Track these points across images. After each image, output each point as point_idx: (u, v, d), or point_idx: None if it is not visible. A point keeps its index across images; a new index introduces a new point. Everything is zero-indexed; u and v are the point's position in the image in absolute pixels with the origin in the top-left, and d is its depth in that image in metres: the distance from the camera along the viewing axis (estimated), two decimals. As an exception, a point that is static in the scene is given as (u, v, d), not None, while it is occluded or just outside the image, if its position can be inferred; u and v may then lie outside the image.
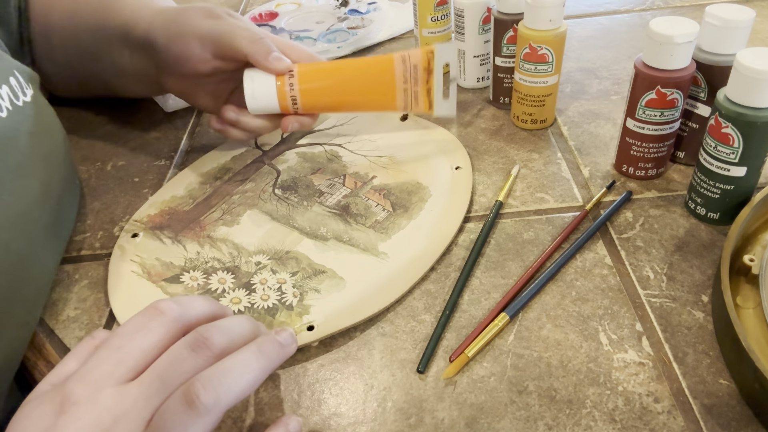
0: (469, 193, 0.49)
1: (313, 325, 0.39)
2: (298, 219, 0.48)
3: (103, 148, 0.61)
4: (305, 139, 0.57)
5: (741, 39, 0.43)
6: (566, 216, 0.47)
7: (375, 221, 0.47)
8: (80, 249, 0.49)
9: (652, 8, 0.78)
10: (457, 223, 0.46)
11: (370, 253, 0.44)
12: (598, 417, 0.34)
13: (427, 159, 0.53)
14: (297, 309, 0.41)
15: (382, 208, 0.48)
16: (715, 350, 0.37)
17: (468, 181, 0.50)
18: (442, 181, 0.50)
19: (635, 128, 0.47)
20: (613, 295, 0.41)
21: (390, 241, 0.45)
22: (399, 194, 0.49)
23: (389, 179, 0.51)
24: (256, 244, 0.46)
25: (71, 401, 0.28)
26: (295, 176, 0.52)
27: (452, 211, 0.47)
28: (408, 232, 0.46)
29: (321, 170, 0.53)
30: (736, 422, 0.33)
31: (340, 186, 0.51)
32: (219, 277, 0.44)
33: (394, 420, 0.35)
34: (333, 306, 0.41)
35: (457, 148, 0.54)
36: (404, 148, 0.55)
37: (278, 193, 0.51)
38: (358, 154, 0.54)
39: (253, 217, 0.49)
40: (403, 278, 0.42)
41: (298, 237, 0.46)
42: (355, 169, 0.53)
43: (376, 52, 0.74)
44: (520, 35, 0.52)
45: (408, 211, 0.48)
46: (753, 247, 0.42)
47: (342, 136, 0.57)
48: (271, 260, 0.45)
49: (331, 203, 0.49)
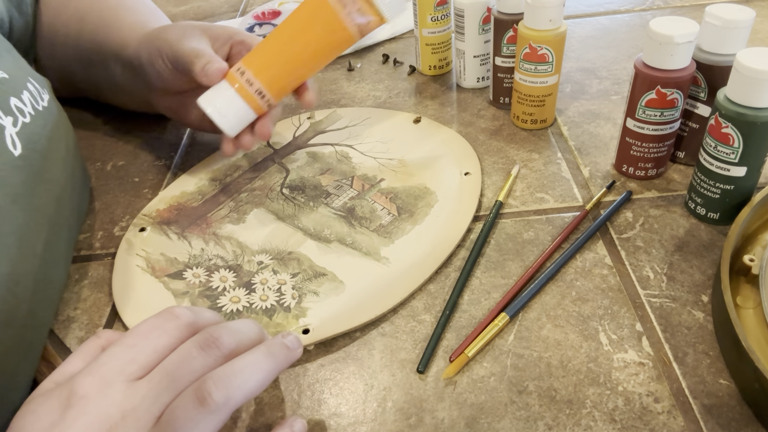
0: (476, 200, 0.48)
1: (309, 328, 0.39)
2: (303, 220, 0.48)
3: (103, 148, 0.61)
4: (316, 138, 0.57)
5: (741, 39, 0.43)
6: (566, 216, 0.47)
7: (379, 225, 0.47)
8: (80, 249, 0.49)
9: (652, 8, 0.78)
10: (462, 231, 0.46)
11: (371, 257, 0.44)
12: (598, 417, 0.34)
13: (436, 163, 0.53)
14: (294, 311, 0.41)
15: (388, 211, 0.48)
16: (715, 350, 0.37)
17: (476, 188, 0.49)
18: (450, 186, 0.50)
19: (635, 128, 0.47)
20: (613, 295, 0.41)
21: (393, 246, 0.45)
22: (406, 198, 0.49)
23: (397, 183, 0.51)
24: (260, 243, 0.46)
25: (79, 395, 0.28)
26: (303, 176, 0.53)
27: (457, 217, 0.47)
28: (411, 238, 0.46)
29: (330, 171, 0.53)
30: (736, 422, 0.33)
31: (347, 187, 0.51)
32: (221, 275, 0.44)
33: (394, 420, 0.35)
34: (330, 310, 0.41)
35: (468, 153, 0.54)
36: (415, 152, 0.54)
37: (286, 192, 0.51)
38: (368, 156, 0.54)
39: (259, 215, 0.49)
40: (401, 284, 0.42)
41: (302, 238, 0.46)
42: (363, 171, 0.52)
43: (377, 52, 0.74)
44: (520, 35, 0.52)
45: (413, 215, 0.47)
46: (753, 247, 0.42)
47: (353, 137, 0.57)
48: (273, 260, 0.45)
49: (337, 205, 0.49)
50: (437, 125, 0.58)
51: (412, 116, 0.59)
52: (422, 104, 0.62)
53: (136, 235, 0.48)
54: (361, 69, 0.70)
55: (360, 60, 0.72)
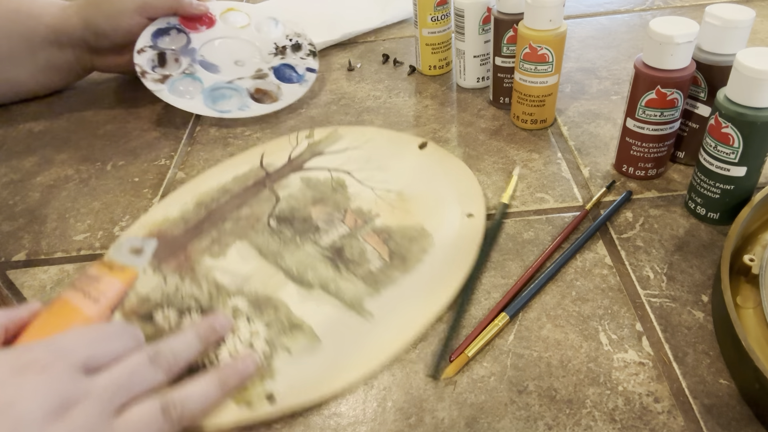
0: (475, 249, 0.44)
1: (274, 394, 0.36)
2: (287, 258, 0.44)
3: (103, 148, 0.61)
4: (313, 161, 0.54)
5: (741, 39, 0.43)
6: (566, 216, 0.47)
7: (368, 271, 0.43)
8: (80, 249, 0.49)
9: (652, 8, 0.78)
10: (454, 287, 0.41)
11: (354, 309, 0.40)
12: (598, 417, 0.34)
13: (437, 200, 0.48)
14: (261, 371, 0.37)
15: (379, 255, 0.44)
16: (715, 350, 0.37)
17: (477, 235, 0.45)
18: (449, 229, 0.45)
19: (635, 128, 0.47)
20: (613, 295, 0.41)
21: (378, 297, 0.41)
22: (400, 240, 0.45)
23: (393, 220, 0.47)
24: (238, 283, 0.43)
25: (39, 364, 0.29)
26: (293, 206, 0.49)
27: (452, 271, 0.42)
28: (399, 290, 0.41)
29: (322, 201, 0.49)
30: (736, 422, 0.33)
31: (339, 222, 0.47)
32: (192, 319, 0.40)
33: (394, 420, 0.35)
34: (301, 374, 0.37)
35: (473, 190, 0.49)
36: (416, 184, 0.50)
37: (272, 224, 0.47)
38: (365, 185, 0.50)
39: (241, 249, 0.45)
40: (381, 349, 0.38)
41: (283, 280, 0.43)
42: (358, 204, 0.48)
43: (377, 52, 0.74)
44: (520, 35, 0.52)
45: (405, 262, 0.43)
46: (753, 247, 0.42)
47: (352, 161, 0.53)
48: (248, 305, 0.41)
49: (326, 243, 0.45)
50: (444, 153, 0.54)
51: (418, 140, 0.55)
52: (422, 104, 0.62)
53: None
54: (361, 69, 0.70)
55: (360, 60, 0.72)
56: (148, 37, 0.62)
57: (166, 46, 0.63)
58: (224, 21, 0.66)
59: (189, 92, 0.61)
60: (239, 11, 0.68)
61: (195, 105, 0.60)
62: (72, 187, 0.56)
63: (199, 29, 0.64)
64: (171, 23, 0.63)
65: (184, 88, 0.61)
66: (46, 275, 0.47)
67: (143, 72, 0.60)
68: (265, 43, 0.66)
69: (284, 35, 0.68)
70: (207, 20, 0.65)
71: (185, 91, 0.61)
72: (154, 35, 0.62)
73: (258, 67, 0.64)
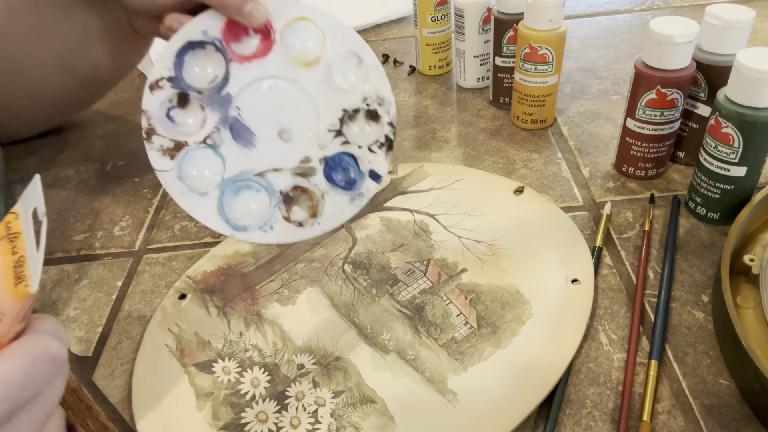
0: (584, 326, 0.37)
1: None
2: (361, 313, 0.40)
3: (103, 148, 0.61)
4: (395, 200, 0.48)
5: (741, 39, 0.43)
6: (566, 216, 0.47)
7: (452, 338, 0.37)
8: (80, 249, 0.49)
9: (652, 8, 0.78)
10: (561, 370, 0.35)
11: (435, 387, 0.35)
12: (598, 417, 0.34)
13: (536, 259, 0.42)
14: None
15: (465, 320, 0.38)
16: (715, 350, 0.37)
17: (586, 307, 0.38)
18: (550, 297, 0.39)
19: (635, 128, 0.47)
20: (613, 295, 0.41)
21: (465, 375, 0.35)
22: (490, 304, 0.39)
23: (482, 278, 0.41)
24: (306, 336, 0.39)
25: None
26: (371, 250, 0.44)
27: (555, 349, 0.36)
28: (490, 368, 0.35)
29: (403, 248, 0.44)
30: (736, 422, 0.33)
31: (420, 275, 0.42)
32: (253, 375, 0.37)
33: None
34: None
35: (578, 248, 0.42)
36: (511, 236, 0.44)
37: (347, 270, 0.43)
38: (451, 232, 0.45)
39: (312, 297, 0.41)
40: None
41: (355, 339, 0.38)
42: (442, 254, 0.43)
43: (377, 52, 0.74)
44: (520, 35, 0.52)
45: (496, 333, 0.37)
46: (753, 247, 0.42)
47: (439, 203, 0.48)
48: (316, 365, 0.37)
49: (405, 298, 0.40)
50: (543, 201, 0.47)
51: (514, 185, 0.49)
52: (422, 104, 0.62)
53: (174, 302, 0.42)
54: (361, 69, 0.70)
55: (360, 60, 0.72)
56: (172, 57, 0.36)
57: (194, 81, 0.37)
58: (285, 44, 0.37)
59: (203, 181, 0.37)
60: (313, 24, 0.37)
61: (205, 209, 0.37)
62: (72, 187, 0.56)
63: (247, 57, 0.37)
64: (209, 35, 0.36)
65: (199, 172, 0.37)
66: (46, 275, 0.47)
67: (150, 131, 0.38)
68: (332, 103, 0.37)
69: (362, 97, 0.37)
70: (263, 36, 0.37)
71: (199, 178, 0.37)
72: (179, 53, 0.36)
73: (306, 152, 0.37)
